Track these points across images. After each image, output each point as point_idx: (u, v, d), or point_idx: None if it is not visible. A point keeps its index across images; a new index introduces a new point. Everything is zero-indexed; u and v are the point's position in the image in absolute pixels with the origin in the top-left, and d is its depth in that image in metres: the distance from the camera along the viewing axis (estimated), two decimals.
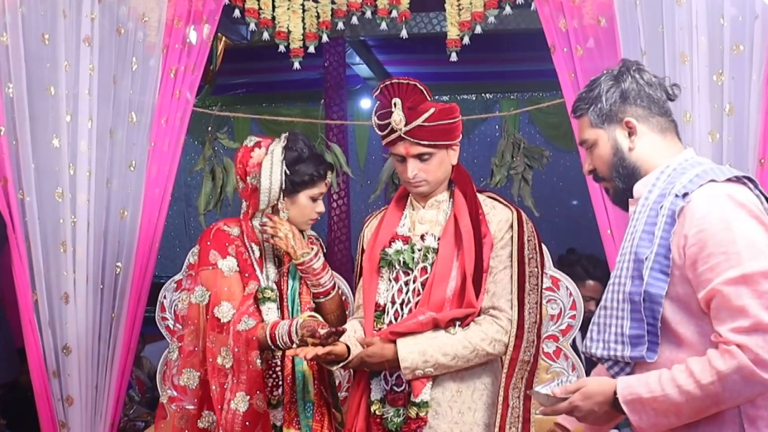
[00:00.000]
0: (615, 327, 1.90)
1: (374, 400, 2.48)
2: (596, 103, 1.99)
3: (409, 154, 2.45)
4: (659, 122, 1.98)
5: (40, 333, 3.07)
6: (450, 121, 2.46)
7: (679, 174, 1.88)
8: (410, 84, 2.42)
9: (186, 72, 3.40)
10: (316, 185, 2.63)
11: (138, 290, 3.32)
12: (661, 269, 1.81)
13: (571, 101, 3.11)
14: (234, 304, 2.54)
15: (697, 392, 1.73)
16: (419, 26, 6.49)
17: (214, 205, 4.01)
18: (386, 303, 2.51)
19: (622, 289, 1.88)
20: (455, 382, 2.45)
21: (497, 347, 2.42)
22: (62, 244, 3.08)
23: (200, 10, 3.39)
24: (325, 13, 3.65)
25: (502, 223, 2.49)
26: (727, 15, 2.83)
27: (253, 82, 10.04)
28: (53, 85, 3.05)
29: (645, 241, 1.85)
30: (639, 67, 2.01)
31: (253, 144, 2.62)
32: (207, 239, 2.63)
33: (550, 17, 3.16)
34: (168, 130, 3.37)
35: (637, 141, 1.96)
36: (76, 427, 3.13)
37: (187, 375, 2.58)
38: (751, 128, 2.82)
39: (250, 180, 2.59)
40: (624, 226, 3.03)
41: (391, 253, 2.51)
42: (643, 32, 2.94)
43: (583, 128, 2.06)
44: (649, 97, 1.97)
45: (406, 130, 2.42)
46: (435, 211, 2.55)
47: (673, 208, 1.81)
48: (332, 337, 2.35)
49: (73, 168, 3.10)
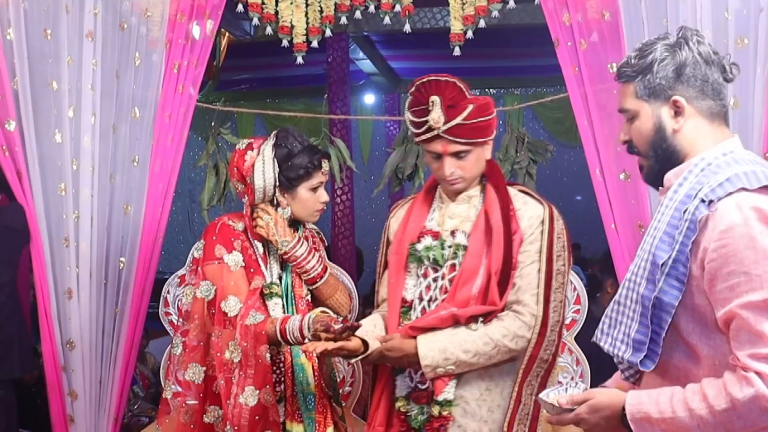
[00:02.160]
0: (624, 326, 1.82)
1: (399, 397, 2.45)
2: (646, 73, 1.80)
3: (446, 152, 2.40)
4: (709, 106, 1.79)
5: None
6: (487, 117, 2.41)
7: (712, 172, 1.73)
8: (449, 81, 2.37)
9: (189, 67, 3.40)
10: (312, 176, 2.62)
11: (141, 285, 3.32)
12: (677, 276, 1.70)
13: (575, 96, 3.13)
14: (241, 298, 2.53)
15: (709, 418, 1.64)
16: (423, 21, 6.49)
17: (217, 201, 4.01)
18: (413, 299, 2.47)
19: (636, 289, 1.79)
20: (484, 381, 2.41)
21: (519, 343, 2.37)
22: (65, 240, 3.09)
23: (203, 5, 3.39)
24: (329, 8, 3.65)
25: (533, 219, 2.43)
26: (731, 8, 2.82)
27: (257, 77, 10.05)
28: (56, 80, 3.04)
29: (665, 244, 1.74)
30: (699, 38, 1.80)
31: (245, 147, 2.63)
32: (212, 234, 2.63)
33: (554, 11, 3.14)
34: (171, 126, 3.37)
35: (683, 123, 1.80)
36: (81, 422, 3.14)
37: (192, 370, 2.57)
38: (756, 122, 2.81)
39: (249, 180, 2.60)
40: (628, 221, 3.05)
41: (420, 249, 2.47)
42: (648, 26, 2.93)
43: (626, 95, 1.86)
44: (704, 77, 1.78)
45: (444, 129, 2.36)
46: (465, 205, 2.50)
47: (697, 215, 1.68)
48: (346, 332, 2.33)
49: (77, 163, 3.11)
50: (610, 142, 3.07)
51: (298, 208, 2.64)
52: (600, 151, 3.09)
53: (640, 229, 3.00)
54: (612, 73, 3.02)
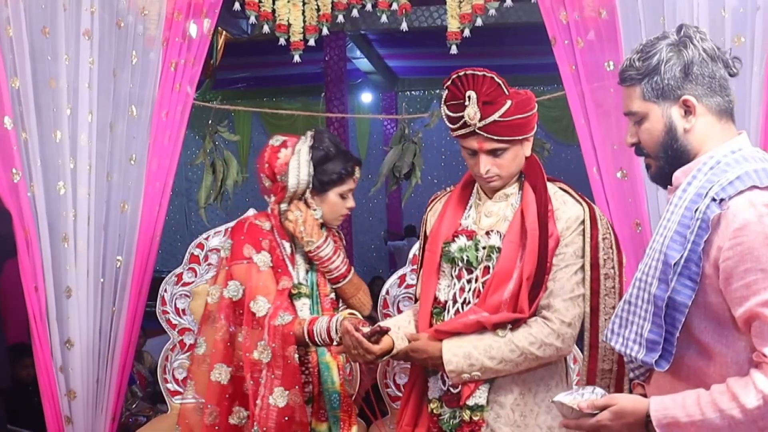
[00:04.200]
0: (636, 326, 1.82)
1: (432, 399, 2.39)
2: (652, 75, 1.80)
3: (482, 149, 2.29)
4: (718, 103, 1.79)
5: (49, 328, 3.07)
6: (526, 114, 2.29)
7: (722, 170, 1.73)
8: (486, 76, 2.24)
9: (186, 65, 3.39)
10: (344, 182, 2.64)
11: (139, 284, 3.31)
12: (689, 276, 1.70)
13: (572, 94, 3.13)
14: (269, 298, 2.52)
15: (741, 417, 1.61)
16: (420, 20, 6.50)
17: (214, 199, 4.00)
18: (447, 300, 2.38)
19: (648, 289, 1.78)
20: (518, 386, 2.33)
21: (547, 351, 2.26)
22: (63, 238, 3.08)
23: (200, 3, 3.39)
24: (326, 6, 3.65)
25: (571, 221, 2.31)
26: (728, 7, 2.82)
27: (254, 76, 10.06)
28: (54, 79, 3.04)
29: (676, 243, 1.73)
30: (701, 35, 1.80)
31: (280, 144, 2.62)
32: (240, 233, 2.61)
33: (550, 9, 3.15)
34: (168, 124, 3.37)
35: (694, 122, 1.79)
36: (80, 421, 3.13)
37: (218, 370, 2.55)
38: (752, 120, 2.82)
39: (280, 179, 2.60)
40: (625, 219, 3.06)
41: (454, 250, 2.37)
42: (644, 24, 2.94)
43: (631, 99, 1.85)
44: (711, 74, 1.78)
45: (480, 125, 2.25)
46: (503, 203, 2.40)
47: (709, 214, 1.67)
48: (375, 336, 2.29)
49: (74, 162, 3.10)
50: (606, 140, 3.08)
51: (326, 211, 2.66)
52: (597, 150, 3.10)
53: (637, 227, 3.00)
54: (609, 71, 3.03)
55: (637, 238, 3.02)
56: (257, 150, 2.77)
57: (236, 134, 4.49)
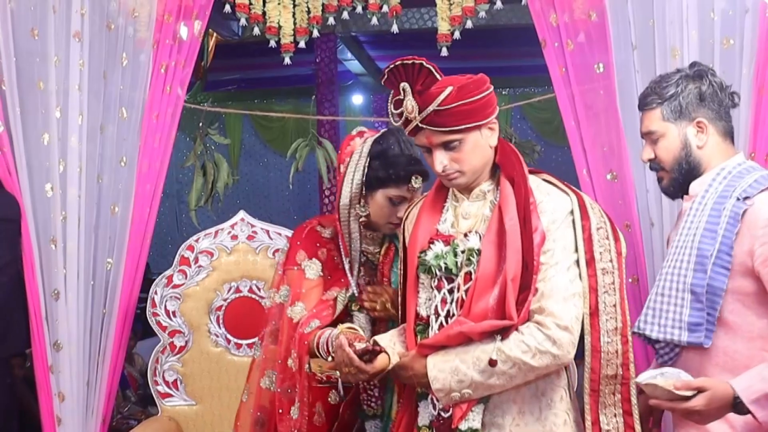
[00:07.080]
0: (673, 313, 2.09)
1: (422, 426, 2.14)
2: (672, 99, 2.16)
3: (432, 144, 2.07)
4: (723, 126, 2.19)
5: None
6: (474, 98, 2.04)
7: (738, 178, 2.10)
8: (416, 64, 2.04)
9: (177, 67, 3.38)
10: (393, 185, 2.43)
11: (129, 286, 3.30)
12: (722, 265, 2.02)
13: (562, 96, 3.14)
14: (307, 305, 2.44)
15: None
16: (410, 21, 6.51)
17: (204, 201, 4.01)
18: (429, 315, 2.14)
19: (683, 280, 2.07)
20: (516, 403, 2.08)
21: (543, 359, 1.99)
22: (52, 240, 3.07)
23: (191, 5, 3.38)
24: (316, 8, 3.65)
25: (558, 213, 2.07)
26: (717, 9, 2.84)
27: (245, 78, 10.04)
28: (43, 81, 3.03)
29: (707, 238, 2.04)
30: (712, 72, 2.21)
31: (356, 133, 2.53)
32: (298, 239, 2.55)
33: (540, 12, 3.15)
34: (159, 126, 3.36)
35: (706, 140, 2.16)
36: (69, 423, 3.12)
37: (269, 377, 2.51)
38: (741, 122, 2.83)
39: (342, 169, 2.49)
40: (615, 221, 3.05)
41: (430, 258, 2.13)
42: (634, 26, 2.95)
43: (651, 120, 2.21)
44: (720, 102, 2.18)
45: (420, 118, 2.03)
46: (481, 202, 2.15)
47: (737, 210, 2.03)
48: (367, 355, 2.11)
49: (64, 163, 3.09)
50: (596, 142, 3.08)
51: (374, 210, 2.48)
52: (587, 152, 3.11)
53: (627, 229, 3.01)
54: (599, 73, 3.05)
55: (627, 239, 3.02)
56: (248, 152, 2.77)
57: (227, 136, 4.50)
